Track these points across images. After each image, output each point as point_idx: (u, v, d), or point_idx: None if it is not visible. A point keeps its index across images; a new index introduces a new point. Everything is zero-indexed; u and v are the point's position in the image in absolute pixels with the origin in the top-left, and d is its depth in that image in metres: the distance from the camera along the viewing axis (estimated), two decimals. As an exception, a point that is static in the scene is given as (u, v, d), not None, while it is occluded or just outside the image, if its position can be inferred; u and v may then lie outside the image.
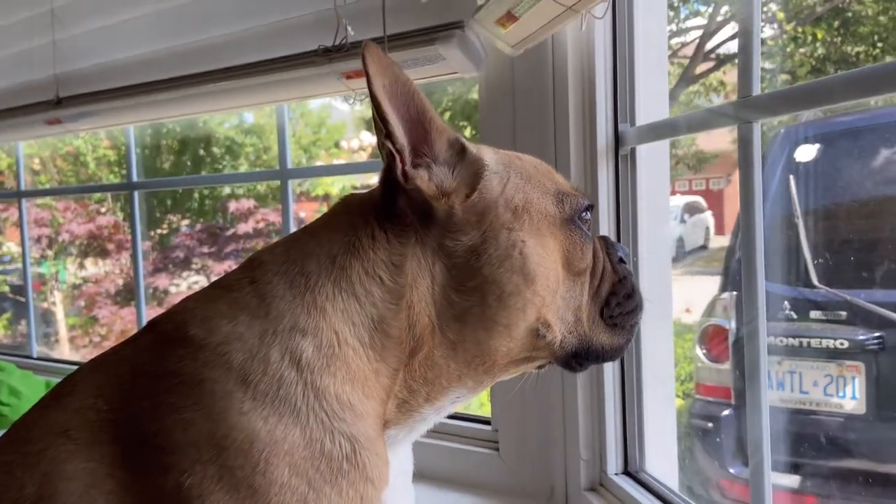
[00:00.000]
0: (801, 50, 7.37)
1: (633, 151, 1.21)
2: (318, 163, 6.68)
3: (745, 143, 0.88)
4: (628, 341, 0.82)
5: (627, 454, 1.27)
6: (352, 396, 0.69)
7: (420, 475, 0.84)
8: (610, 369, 1.26)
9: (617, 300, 0.81)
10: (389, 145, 0.70)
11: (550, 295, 0.74)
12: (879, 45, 7.07)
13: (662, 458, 1.29)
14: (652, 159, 1.25)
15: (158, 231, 6.53)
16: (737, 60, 0.89)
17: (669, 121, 1.09)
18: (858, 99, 0.77)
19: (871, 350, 2.95)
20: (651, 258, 1.24)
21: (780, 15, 7.41)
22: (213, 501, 0.61)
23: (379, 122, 0.71)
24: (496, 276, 0.71)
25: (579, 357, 0.79)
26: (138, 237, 2.48)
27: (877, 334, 2.93)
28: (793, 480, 3.17)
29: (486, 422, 1.54)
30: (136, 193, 2.43)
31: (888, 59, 7.02)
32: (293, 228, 1.58)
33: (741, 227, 0.90)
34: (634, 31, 1.19)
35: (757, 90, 0.86)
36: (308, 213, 5.89)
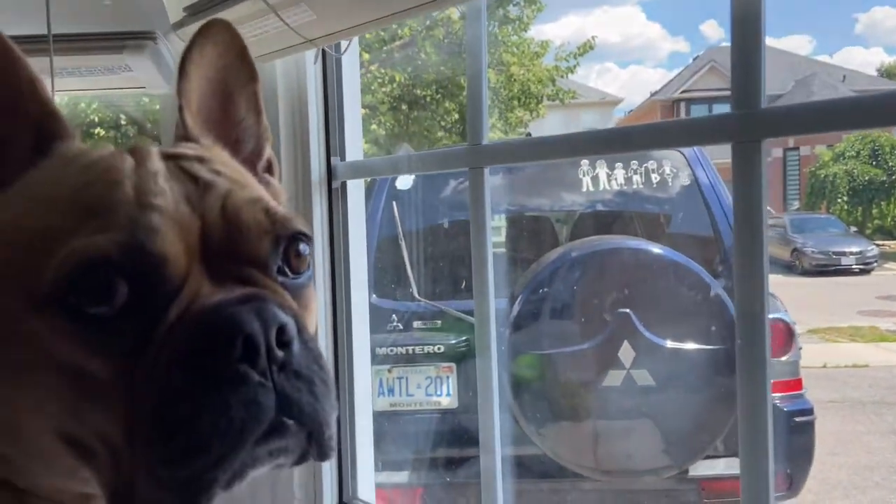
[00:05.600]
0: (384, 89, 8.29)
1: (343, 185, 1.24)
2: None
3: (475, 185, 0.99)
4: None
5: (342, 485, 1.28)
6: None
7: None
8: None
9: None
10: None
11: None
12: (441, 91, 8.37)
13: (369, 482, 1.34)
14: (355, 193, 1.29)
15: None
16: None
17: (392, 159, 1.15)
18: (554, 158, 0.93)
19: (460, 351, 3.46)
20: (357, 289, 1.29)
21: (366, 55, 8.22)
22: None
23: None
24: None
25: None
26: None
27: (464, 338, 3.45)
28: (402, 476, 3.50)
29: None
30: None
31: (448, 103, 8.34)
32: None
33: (473, 257, 1.01)
34: (342, 69, 1.22)
35: (486, 139, 0.98)
36: None
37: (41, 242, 0.49)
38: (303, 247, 0.57)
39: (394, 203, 3.95)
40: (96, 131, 7.20)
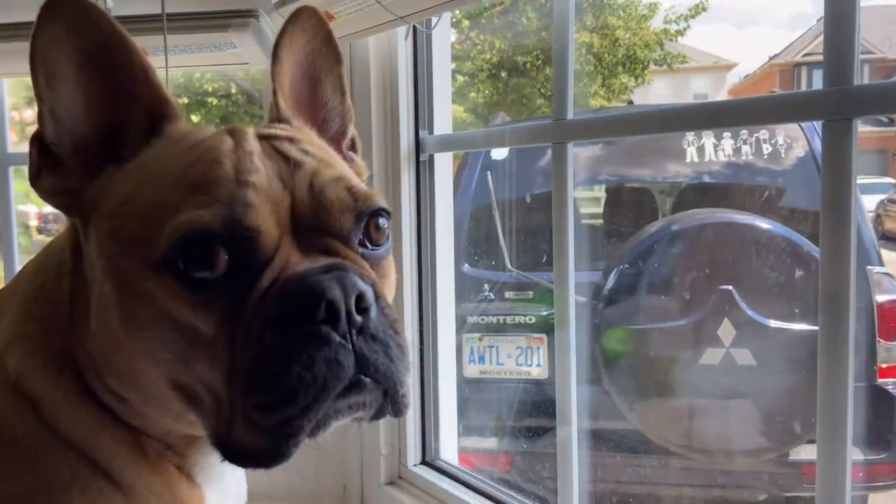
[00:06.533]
0: (483, 56, 8.21)
1: (431, 158, 1.27)
2: None
3: (558, 160, 1.00)
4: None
5: (425, 444, 1.34)
6: None
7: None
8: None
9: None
10: None
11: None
12: (541, 57, 8.20)
13: (451, 444, 1.39)
14: (442, 166, 1.32)
15: None
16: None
17: (478, 132, 1.17)
18: (638, 134, 0.91)
19: (552, 323, 3.44)
20: (443, 259, 1.32)
21: (465, 22, 8.16)
22: None
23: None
24: None
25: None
26: None
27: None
28: (490, 442, 3.55)
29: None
30: None
31: (548, 70, 8.17)
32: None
33: (555, 231, 1.01)
34: (433, 44, 1.24)
35: (570, 114, 0.98)
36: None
37: (154, 214, 0.56)
38: (382, 221, 0.62)
39: (488, 173, 3.94)
40: (209, 100, 7.57)
